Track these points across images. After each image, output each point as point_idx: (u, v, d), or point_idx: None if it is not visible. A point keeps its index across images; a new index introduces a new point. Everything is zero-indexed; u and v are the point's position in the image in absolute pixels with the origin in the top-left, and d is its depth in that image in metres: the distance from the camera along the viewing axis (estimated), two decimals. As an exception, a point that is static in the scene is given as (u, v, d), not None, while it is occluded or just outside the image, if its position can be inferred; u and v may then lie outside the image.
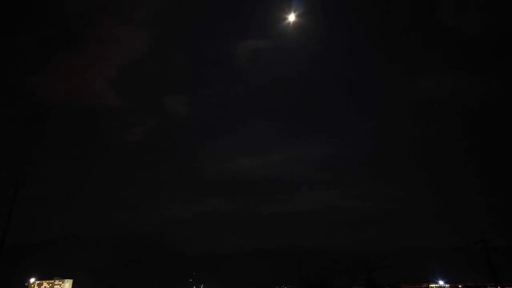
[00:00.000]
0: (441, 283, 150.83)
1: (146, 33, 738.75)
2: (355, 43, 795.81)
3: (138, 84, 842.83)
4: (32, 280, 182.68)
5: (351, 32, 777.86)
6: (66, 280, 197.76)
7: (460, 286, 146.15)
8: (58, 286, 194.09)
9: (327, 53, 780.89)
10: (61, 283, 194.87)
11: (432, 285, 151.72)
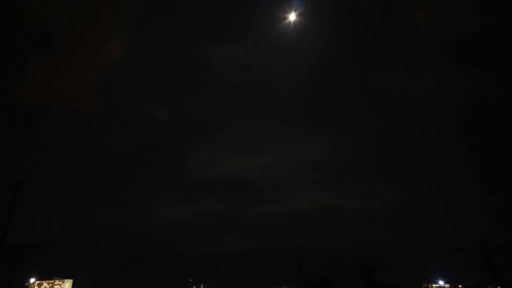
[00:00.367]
0: (441, 283, 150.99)
1: (137, 34, 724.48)
2: (355, 43, 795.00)
3: (119, 88, 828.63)
4: (32, 280, 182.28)
5: (351, 32, 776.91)
6: (66, 280, 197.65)
7: (460, 286, 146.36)
8: (58, 286, 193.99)
9: (327, 53, 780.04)
10: (61, 283, 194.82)
11: (432, 285, 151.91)
